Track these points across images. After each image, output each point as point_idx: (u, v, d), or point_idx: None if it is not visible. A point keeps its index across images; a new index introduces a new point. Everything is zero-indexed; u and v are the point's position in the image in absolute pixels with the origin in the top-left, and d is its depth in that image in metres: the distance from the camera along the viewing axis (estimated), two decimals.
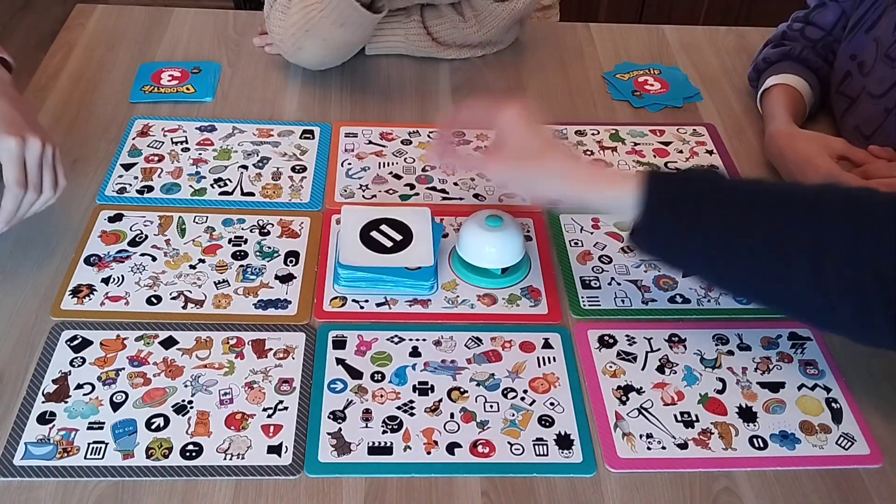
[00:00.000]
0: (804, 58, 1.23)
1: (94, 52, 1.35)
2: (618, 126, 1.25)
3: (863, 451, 0.85)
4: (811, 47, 1.24)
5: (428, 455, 0.82)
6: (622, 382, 0.90)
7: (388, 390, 0.88)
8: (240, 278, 0.98)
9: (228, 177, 1.12)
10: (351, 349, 0.91)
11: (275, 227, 1.05)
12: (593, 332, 0.95)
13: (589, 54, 1.41)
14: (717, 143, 1.23)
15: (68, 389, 0.86)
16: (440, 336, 0.93)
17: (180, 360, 0.89)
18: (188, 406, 0.85)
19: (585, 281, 1.01)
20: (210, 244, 1.02)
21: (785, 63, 1.24)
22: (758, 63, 1.28)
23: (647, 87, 1.33)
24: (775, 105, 1.19)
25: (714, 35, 1.48)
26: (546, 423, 0.85)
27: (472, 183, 1.13)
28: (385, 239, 0.99)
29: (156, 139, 1.18)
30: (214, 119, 1.22)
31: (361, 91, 1.30)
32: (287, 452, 0.82)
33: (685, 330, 0.95)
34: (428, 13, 1.32)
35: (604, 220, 1.08)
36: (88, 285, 0.96)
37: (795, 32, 1.27)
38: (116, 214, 1.05)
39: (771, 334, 0.96)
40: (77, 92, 1.26)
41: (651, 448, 0.84)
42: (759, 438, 0.85)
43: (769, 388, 0.90)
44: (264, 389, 0.87)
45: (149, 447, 0.81)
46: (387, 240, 0.99)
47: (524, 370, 0.90)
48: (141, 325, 0.92)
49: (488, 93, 1.30)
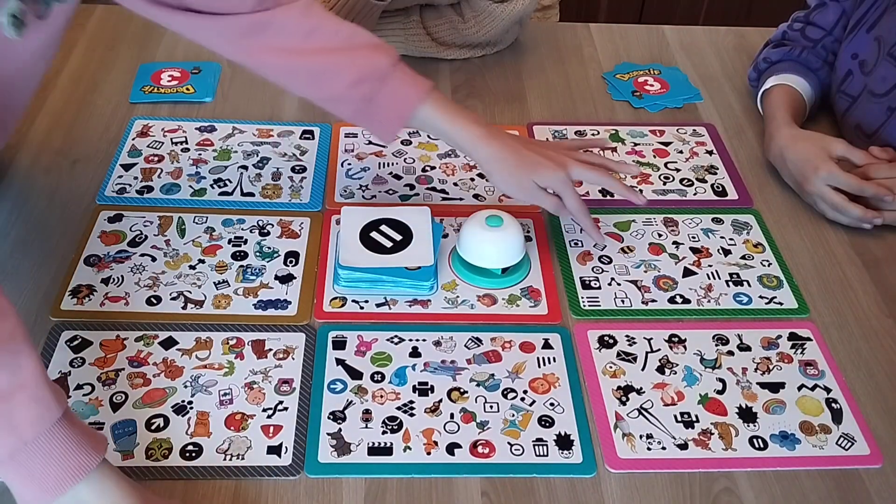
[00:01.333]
0: (804, 58, 1.23)
1: (94, 52, 1.35)
2: (617, 126, 1.25)
3: (863, 452, 0.85)
4: (811, 48, 1.24)
5: (428, 455, 0.82)
6: (622, 383, 0.90)
7: (387, 391, 0.88)
8: (240, 279, 0.98)
9: (228, 177, 1.12)
10: (351, 349, 0.91)
11: (275, 228, 1.05)
12: (593, 333, 0.95)
13: (589, 54, 1.41)
14: (716, 143, 1.23)
15: (68, 390, 0.86)
16: (440, 336, 0.93)
17: (180, 361, 0.89)
18: (188, 406, 0.85)
19: (585, 281, 1.01)
20: (210, 244, 1.02)
21: (785, 63, 1.24)
22: (758, 63, 1.28)
23: (647, 87, 1.33)
24: (776, 106, 1.19)
25: (714, 35, 1.48)
26: (546, 423, 0.85)
27: (472, 183, 1.13)
28: (385, 239, 0.99)
29: (156, 139, 1.18)
30: (214, 119, 1.22)
31: None
32: (287, 453, 0.82)
33: (685, 330, 0.95)
34: (427, 14, 1.32)
35: (604, 220, 1.08)
36: (88, 286, 0.96)
37: (796, 33, 1.27)
38: (116, 215, 1.05)
39: (771, 335, 0.96)
40: (77, 92, 1.26)
41: (651, 448, 0.84)
42: (759, 439, 0.85)
43: (769, 389, 0.90)
44: (264, 390, 0.87)
45: (148, 448, 0.81)
46: (387, 240, 0.99)
47: (524, 370, 0.90)
48: (141, 326, 0.92)
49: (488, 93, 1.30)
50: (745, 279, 1.02)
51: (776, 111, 1.18)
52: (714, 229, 1.08)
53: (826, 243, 1.08)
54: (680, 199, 1.13)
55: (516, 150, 0.96)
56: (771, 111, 1.19)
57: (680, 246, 1.06)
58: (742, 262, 1.04)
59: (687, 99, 1.32)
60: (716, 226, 1.09)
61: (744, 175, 1.18)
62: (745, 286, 1.01)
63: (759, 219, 1.11)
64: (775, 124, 1.16)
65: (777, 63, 1.25)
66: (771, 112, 1.19)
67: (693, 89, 1.34)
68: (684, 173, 1.17)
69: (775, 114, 1.18)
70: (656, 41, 1.46)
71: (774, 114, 1.18)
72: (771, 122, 1.18)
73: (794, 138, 1.13)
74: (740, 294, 1.00)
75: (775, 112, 1.18)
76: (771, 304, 0.99)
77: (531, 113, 1.27)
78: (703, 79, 1.37)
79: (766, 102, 1.22)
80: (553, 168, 0.96)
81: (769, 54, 1.26)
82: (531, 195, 0.97)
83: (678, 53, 1.43)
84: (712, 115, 1.29)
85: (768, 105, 1.21)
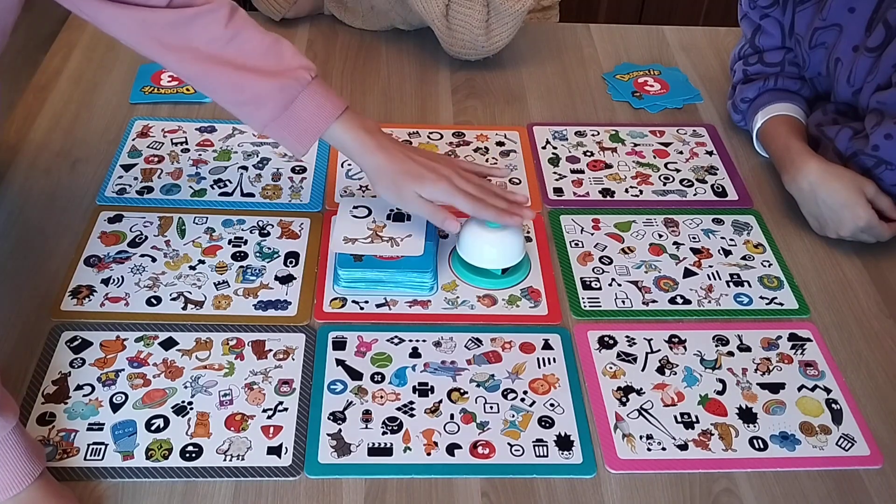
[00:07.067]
0: (782, 85, 1.18)
1: (94, 52, 1.35)
2: (617, 127, 1.25)
3: (863, 452, 0.85)
4: (780, 72, 1.19)
5: (428, 456, 0.82)
6: (622, 383, 0.90)
7: (388, 391, 0.88)
8: (240, 279, 0.98)
9: (228, 177, 1.12)
10: (351, 350, 0.91)
11: (275, 228, 1.05)
12: (593, 333, 0.95)
13: (589, 55, 1.41)
14: (716, 143, 1.23)
15: (68, 390, 0.86)
16: (440, 337, 0.93)
17: (180, 361, 0.89)
18: (188, 407, 0.85)
19: (586, 282, 1.01)
20: (210, 245, 1.02)
21: (766, 96, 1.18)
22: (737, 105, 1.22)
23: (647, 87, 1.33)
24: (784, 136, 1.12)
25: (714, 35, 1.48)
26: (546, 424, 0.85)
27: None
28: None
29: (156, 140, 1.18)
30: (214, 120, 1.22)
31: (361, 91, 1.30)
32: (287, 453, 0.82)
33: (685, 331, 0.95)
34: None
35: (604, 220, 1.08)
36: (88, 286, 0.96)
37: (756, 66, 1.21)
38: (116, 215, 1.05)
39: (771, 335, 0.96)
40: (77, 92, 1.26)
41: (651, 449, 0.84)
42: (759, 439, 0.85)
43: (769, 389, 0.90)
44: (264, 390, 0.87)
45: (148, 448, 0.81)
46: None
47: (524, 371, 0.90)
48: (141, 326, 0.92)
49: (488, 93, 1.30)
50: (745, 280, 1.02)
51: (788, 142, 1.11)
52: (714, 230, 1.08)
53: (826, 244, 1.07)
54: (680, 200, 1.13)
55: (401, 161, 0.95)
56: (782, 142, 1.12)
57: (680, 246, 1.06)
58: (742, 263, 1.04)
59: (687, 99, 1.32)
60: (716, 226, 1.09)
61: (744, 175, 1.18)
62: (746, 287, 1.01)
63: (759, 219, 1.11)
64: (795, 153, 1.08)
65: (758, 98, 1.19)
66: (782, 144, 1.11)
67: (693, 90, 1.34)
68: (684, 174, 1.17)
69: (789, 144, 1.10)
70: (656, 41, 1.46)
71: (788, 144, 1.10)
72: (787, 153, 1.10)
73: (825, 175, 1.04)
74: (741, 295, 1.00)
75: (788, 143, 1.10)
76: (771, 305, 0.99)
77: (531, 113, 1.27)
78: (703, 79, 1.37)
79: (767, 138, 1.16)
80: (434, 180, 0.94)
81: (744, 93, 1.20)
82: (410, 205, 0.96)
83: (678, 54, 1.43)
84: (712, 116, 1.29)
85: (773, 139, 1.14)
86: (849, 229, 1.03)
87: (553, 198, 1.12)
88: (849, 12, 1.08)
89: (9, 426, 0.71)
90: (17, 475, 0.71)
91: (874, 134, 1.03)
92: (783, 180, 1.10)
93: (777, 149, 1.13)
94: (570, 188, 1.14)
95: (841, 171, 1.05)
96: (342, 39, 1.41)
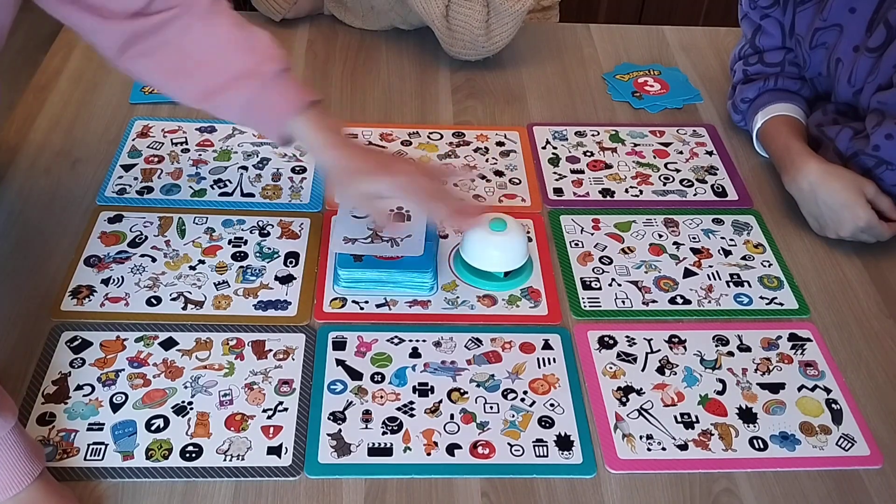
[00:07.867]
0: (783, 85, 1.18)
1: (94, 52, 1.34)
2: (618, 127, 1.25)
3: (863, 452, 0.85)
4: (780, 72, 1.19)
5: (428, 456, 0.82)
6: (622, 383, 0.90)
7: (388, 391, 0.88)
8: (240, 279, 0.98)
9: (228, 178, 1.12)
10: (351, 350, 0.91)
11: (275, 228, 1.05)
12: (593, 333, 0.95)
13: (589, 55, 1.41)
14: (716, 143, 1.23)
15: (68, 390, 0.86)
16: (440, 337, 0.93)
17: (180, 362, 0.89)
18: (188, 407, 0.85)
19: (586, 282, 1.01)
20: (210, 245, 1.02)
21: (766, 96, 1.18)
22: (737, 105, 1.22)
23: (647, 87, 1.33)
24: (784, 136, 1.12)
25: (714, 36, 1.48)
26: (546, 424, 0.85)
27: (472, 184, 1.13)
28: None
29: (156, 140, 1.18)
30: (214, 120, 1.21)
31: (361, 91, 1.30)
32: (287, 453, 0.82)
33: (685, 331, 0.95)
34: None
35: (604, 220, 1.08)
36: (88, 286, 0.96)
37: (756, 66, 1.21)
38: (116, 215, 1.05)
39: (771, 335, 0.96)
40: (77, 92, 1.26)
41: (651, 449, 0.84)
42: (759, 439, 0.85)
43: (769, 389, 0.90)
44: (264, 390, 0.87)
45: (148, 448, 0.81)
46: None
47: (524, 371, 0.90)
48: (141, 326, 0.92)
49: (488, 93, 1.30)
50: (745, 280, 1.02)
51: (789, 142, 1.11)
52: (714, 230, 1.08)
53: (826, 244, 1.07)
54: (680, 200, 1.13)
55: (358, 159, 0.94)
56: (782, 142, 1.12)
57: (680, 246, 1.06)
58: (742, 263, 1.04)
59: (687, 100, 1.32)
60: (716, 226, 1.09)
61: (744, 175, 1.18)
62: (746, 287, 1.01)
63: (759, 219, 1.11)
64: (795, 153, 1.08)
65: (758, 98, 1.19)
66: (782, 144, 1.12)
67: (693, 90, 1.34)
68: (684, 174, 1.17)
69: (789, 144, 1.10)
70: (656, 41, 1.46)
71: (788, 145, 1.10)
72: (787, 153, 1.10)
73: (825, 175, 1.04)
74: (741, 295, 1.00)
75: (788, 143, 1.11)
76: (771, 305, 0.99)
77: (531, 113, 1.27)
78: (703, 79, 1.37)
79: (767, 138, 1.16)
80: (390, 179, 0.92)
81: (744, 93, 1.20)
82: (359, 202, 0.96)
83: (678, 54, 1.43)
84: (712, 116, 1.29)
85: (773, 139, 1.15)
86: (849, 229, 1.03)
87: (553, 198, 1.12)
88: (849, 12, 1.08)
89: (8, 426, 0.71)
90: (16, 475, 0.72)
91: (875, 134, 1.03)
92: (783, 180, 1.10)
93: (777, 149, 1.13)
94: (570, 188, 1.14)
95: (841, 172, 1.05)
96: (342, 39, 1.41)
